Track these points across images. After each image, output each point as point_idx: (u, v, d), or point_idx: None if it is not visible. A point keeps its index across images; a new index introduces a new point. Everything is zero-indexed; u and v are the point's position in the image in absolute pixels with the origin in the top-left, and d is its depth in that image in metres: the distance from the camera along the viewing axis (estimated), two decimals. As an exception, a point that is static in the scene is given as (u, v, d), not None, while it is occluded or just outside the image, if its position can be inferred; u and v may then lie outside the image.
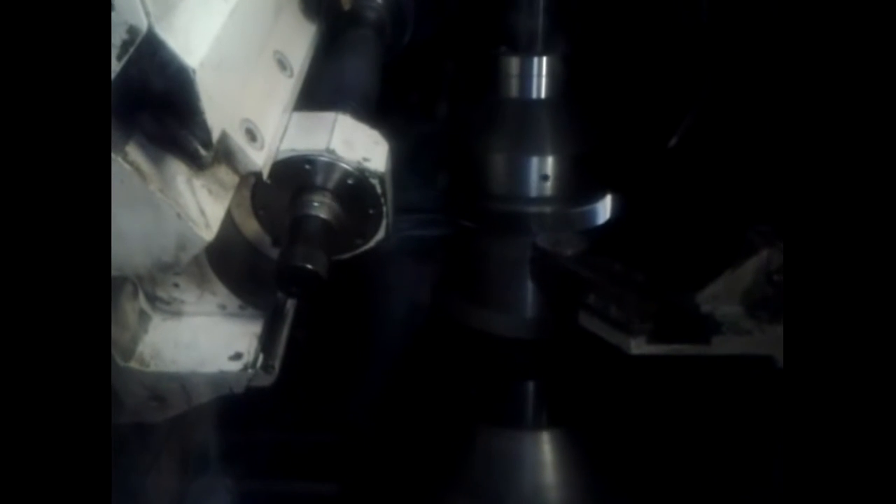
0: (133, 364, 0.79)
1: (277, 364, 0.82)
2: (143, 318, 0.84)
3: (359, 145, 0.83)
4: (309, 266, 0.72)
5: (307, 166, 0.81)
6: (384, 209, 0.84)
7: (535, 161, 1.24)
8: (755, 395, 1.12)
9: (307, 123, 0.84)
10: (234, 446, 1.26)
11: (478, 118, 1.29)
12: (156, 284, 0.83)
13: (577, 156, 1.25)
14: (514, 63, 1.23)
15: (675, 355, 0.98)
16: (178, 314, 0.86)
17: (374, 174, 0.82)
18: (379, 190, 0.83)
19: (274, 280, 0.74)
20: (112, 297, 0.79)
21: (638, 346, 0.97)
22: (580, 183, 1.26)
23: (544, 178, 1.22)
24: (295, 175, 0.81)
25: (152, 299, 0.85)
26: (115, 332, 0.78)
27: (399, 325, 1.41)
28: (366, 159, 0.82)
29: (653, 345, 0.97)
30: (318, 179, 0.81)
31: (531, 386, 1.38)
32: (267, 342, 0.82)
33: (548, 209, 1.25)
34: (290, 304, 0.86)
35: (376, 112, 0.93)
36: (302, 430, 1.46)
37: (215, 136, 0.62)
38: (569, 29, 1.25)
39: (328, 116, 0.85)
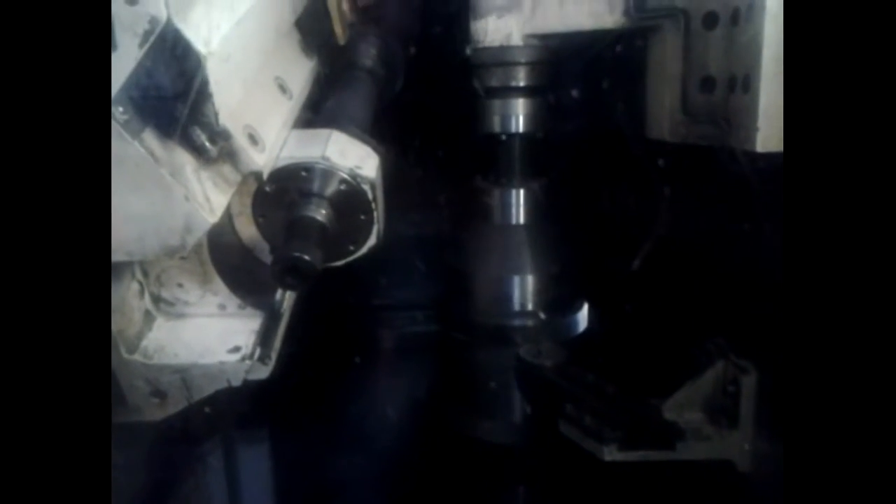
0: (137, 357, 0.84)
1: (274, 356, 0.86)
2: (148, 318, 0.89)
3: (351, 155, 0.91)
4: (305, 257, 0.78)
5: (304, 173, 0.88)
6: (375, 215, 0.91)
7: (516, 280, 1.36)
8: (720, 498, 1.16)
9: (304, 137, 0.92)
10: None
11: (466, 241, 1.41)
12: (161, 285, 0.89)
13: (554, 274, 1.36)
14: (496, 194, 1.36)
15: (645, 461, 1.06)
16: (181, 316, 0.91)
17: (366, 180, 0.89)
18: (370, 195, 0.90)
19: (271, 272, 0.80)
20: (119, 292, 0.84)
21: (610, 454, 1.05)
22: (558, 297, 1.37)
23: None
24: (293, 181, 0.88)
25: (157, 301, 0.90)
26: (122, 324, 0.83)
27: (389, 428, 1.46)
28: (358, 167, 0.89)
29: (623, 452, 1.05)
30: (315, 186, 0.88)
31: (519, 491, 1.41)
32: (264, 336, 0.87)
33: (530, 322, 1.34)
34: (287, 304, 0.92)
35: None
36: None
37: (220, 123, 0.69)
38: (544, 167, 1.39)
39: (324, 132, 0.93)
